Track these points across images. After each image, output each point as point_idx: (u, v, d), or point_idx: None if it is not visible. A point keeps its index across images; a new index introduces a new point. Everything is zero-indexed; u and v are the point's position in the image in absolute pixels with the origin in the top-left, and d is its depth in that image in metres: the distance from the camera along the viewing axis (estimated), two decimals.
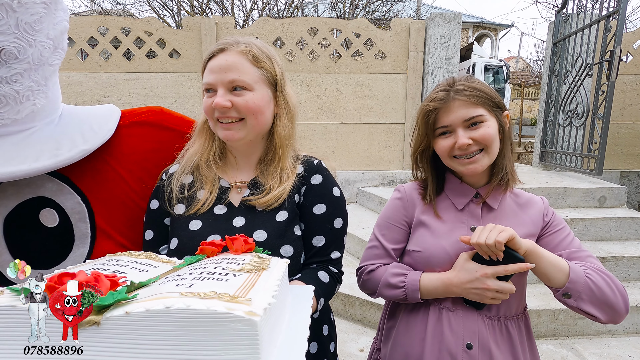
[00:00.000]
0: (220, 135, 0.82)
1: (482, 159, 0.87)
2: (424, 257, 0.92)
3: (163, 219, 0.86)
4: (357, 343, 2.29)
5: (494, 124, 0.87)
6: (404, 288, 0.90)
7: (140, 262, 0.61)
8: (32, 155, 0.70)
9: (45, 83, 0.71)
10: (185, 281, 0.47)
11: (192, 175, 0.87)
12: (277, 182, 0.84)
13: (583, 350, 2.21)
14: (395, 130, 4.22)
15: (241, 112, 0.79)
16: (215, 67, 0.78)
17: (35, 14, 0.64)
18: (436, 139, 0.91)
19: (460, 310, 0.88)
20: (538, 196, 0.96)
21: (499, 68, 11.94)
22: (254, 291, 0.45)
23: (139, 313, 0.38)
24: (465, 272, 0.84)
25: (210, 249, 0.63)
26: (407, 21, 4.03)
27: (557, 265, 0.80)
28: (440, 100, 0.87)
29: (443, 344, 0.87)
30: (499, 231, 0.78)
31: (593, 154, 3.45)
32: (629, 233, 2.92)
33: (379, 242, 0.99)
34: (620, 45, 3.17)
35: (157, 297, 0.41)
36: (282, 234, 0.81)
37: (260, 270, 0.54)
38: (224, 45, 0.80)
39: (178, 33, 4.00)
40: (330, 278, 0.85)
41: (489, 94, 0.87)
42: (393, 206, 1.00)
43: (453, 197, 0.95)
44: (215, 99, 0.77)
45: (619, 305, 0.79)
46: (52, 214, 0.77)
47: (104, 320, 0.39)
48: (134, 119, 0.89)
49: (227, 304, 0.39)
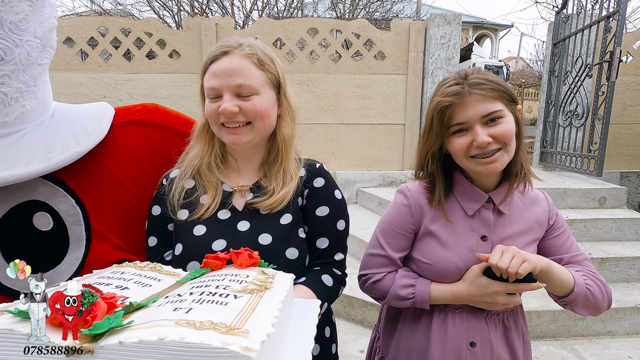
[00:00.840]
0: (226, 140, 0.81)
1: (502, 157, 0.81)
2: (433, 270, 0.90)
3: (166, 225, 0.85)
4: (357, 344, 2.29)
5: (511, 119, 0.81)
6: (412, 299, 0.90)
7: (144, 276, 0.60)
8: (23, 159, 0.67)
9: (34, 83, 0.69)
10: (183, 304, 0.46)
11: (193, 179, 0.86)
12: (281, 184, 0.83)
13: (583, 351, 2.21)
14: (395, 130, 4.21)
15: (249, 117, 0.78)
16: (219, 71, 0.76)
17: (21, 12, 0.61)
18: (450, 137, 0.84)
19: (465, 312, 0.89)
20: (541, 192, 0.96)
21: (499, 68, 11.96)
22: (253, 317, 0.44)
23: (133, 343, 0.38)
24: (477, 286, 0.84)
25: (214, 262, 0.63)
26: (407, 22, 4.04)
27: (565, 282, 0.83)
28: (455, 95, 0.79)
29: (447, 342, 0.88)
30: (521, 260, 0.76)
31: (593, 154, 3.45)
32: (629, 234, 2.92)
33: (384, 250, 0.94)
34: (620, 45, 3.17)
35: (152, 325, 0.40)
36: (287, 237, 0.81)
37: (263, 290, 0.53)
38: (227, 48, 0.77)
39: (178, 34, 4.00)
40: (334, 281, 0.84)
41: (505, 87, 0.81)
42: (399, 212, 0.93)
43: (463, 202, 0.89)
44: (223, 104, 0.76)
45: (604, 307, 0.87)
46: (45, 218, 0.75)
47: (98, 349, 0.38)
48: (128, 118, 0.87)
49: (223, 337, 0.38)
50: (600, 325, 2.35)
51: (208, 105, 0.79)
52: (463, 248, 0.88)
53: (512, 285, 0.81)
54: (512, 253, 0.77)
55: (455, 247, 0.88)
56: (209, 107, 0.79)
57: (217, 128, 0.81)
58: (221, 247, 0.79)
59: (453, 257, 0.88)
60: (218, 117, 0.78)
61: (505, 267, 0.75)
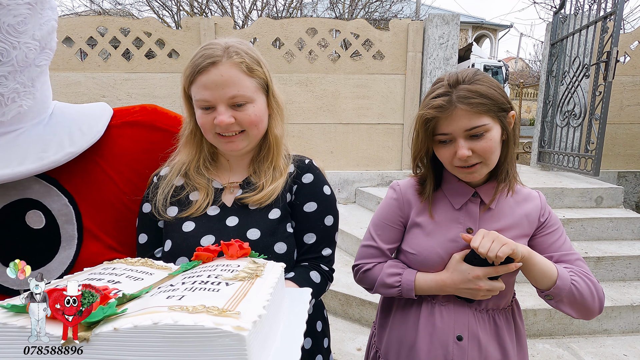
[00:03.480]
0: (223, 148, 0.83)
1: (481, 170, 0.85)
2: (418, 260, 0.93)
3: (156, 222, 0.86)
4: (354, 342, 2.30)
5: (497, 131, 0.82)
6: (399, 287, 0.93)
7: (135, 270, 0.60)
8: (17, 159, 0.68)
9: (32, 84, 0.69)
10: (176, 292, 0.46)
11: (183, 178, 0.87)
12: (270, 180, 0.85)
13: (579, 349, 2.23)
14: (393, 130, 4.22)
15: (244, 126, 0.79)
16: (210, 84, 0.75)
17: (19, 15, 0.61)
18: (436, 145, 0.88)
19: (451, 305, 0.91)
20: (535, 191, 0.97)
21: (498, 68, 11.96)
22: (245, 302, 0.45)
23: (127, 329, 0.39)
24: (458, 273, 0.86)
25: (205, 255, 0.63)
26: (405, 22, 4.04)
27: (547, 272, 0.84)
28: (439, 108, 0.81)
29: (435, 335, 0.90)
30: (501, 244, 0.78)
31: (590, 154, 3.46)
32: (626, 233, 2.93)
33: (375, 241, 1.00)
34: (617, 46, 3.19)
35: (146, 312, 0.41)
36: (275, 231, 0.82)
37: (254, 277, 0.53)
38: (214, 59, 0.75)
39: (177, 33, 4.00)
40: (322, 277, 0.86)
41: (494, 98, 0.80)
42: (388, 206, 1.00)
43: (450, 196, 0.94)
44: (219, 117, 0.76)
45: (594, 309, 0.86)
46: (38, 216, 0.75)
47: (93, 337, 0.39)
48: (126, 119, 0.87)
49: (215, 319, 0.39)
50: (596, 324, 2.37)
51: (202, 116, 0.79)
52: (446, 239, 0.91)
53: (491, 269, 0.83)
54: (492, 237, 0.80)
55: (440, 238, 0.91)
56: (203, 118, 0.78)
57: (212, 137, 0.81)
58: (210, 242, 0.80)
59: (436, 247, 0.91)
60: (213, 128, 0.79)
61: (485, 250, 0.78)
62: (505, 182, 0.89)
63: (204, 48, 0.78)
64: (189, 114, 0.85)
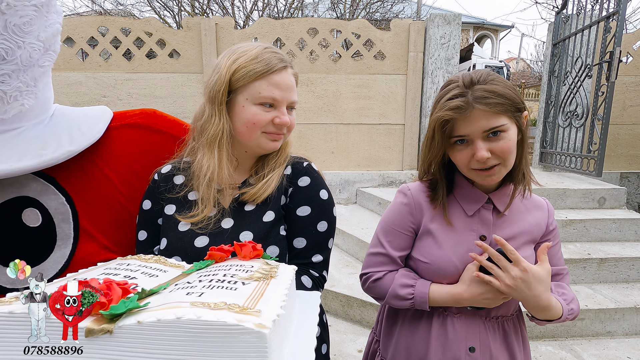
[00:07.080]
0: (265, 146, 0.84)
1: (500, 171, 0.82)
2: (431, 269, 0.90)
3: (156, 219, 0.86)
4: (355, 344, 2.29)
5: (514, 132, 0.80)
6: (412, 300, 0.89)
7: (150, 267, 0.61)
8: (16, 155, 0.69)
9: (34, 84, 0.70)
10: (195, 289, 0.47)
11: (183, 176, 0.87)
12: (266, 178, 0.86)
13: (582, 351, 2.21)
14: (394, 130, 4.22)
15: (288, 129, 0.86)
16: (282, 85, 0.80)
17: (25, 16, 0.63)
18: (452, 148, 0.84)
19: (463, 315, 0.89)
20: (543, 199, 0.97)
21: (499, 69, 11.97)
22: (263, 301, 0.45)
23: (151, 322, 0.39)
24: (476, 285, 0.85)
25: (218, 254, 0.64)
26: (406, 22, 4.04)
27: (554, 312, 0.84)
28: (457, 110, 0.78)
29: (447, 347, 0.88)
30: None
31: (593, 155, 3.45)
32: (629, 234, 2.92)
33: (385, 248, 0.94)
34: (619, 46, 3.17)
35: (168, 307, 0.42)
36: (267, 234, 0.81)
37: (269, 278, 0.54)
38: (286, 63, 0.82)
39: (178, 33, 4.00)
40: (313, 283, 0.83)
41: (511, 98, 0.78)
42: (399, 211, 0.94)
43: (463, 202, 0.90)
44: (282, 117, 0.81)
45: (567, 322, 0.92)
46: (35, 214, 0.76)
47: (117, 329, 0.39)
48: (125, 121, 0.88)
49: (237, 316, 0.40)
50: (599, 326, 2.35)
51: (259, 112, 0.79)
52: (462, 248, 0.88)
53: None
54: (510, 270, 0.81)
55: (454, 247, 0.88)
56: (260, 114, 0.79)
57: (257, 134, 0.81)
58: (204, 243, 0.80)
59: (451, 257, 0.88)
60: (267, 126, 0.81)
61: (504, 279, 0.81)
62: (522, 183, 0.87)
63: (271, 49, 0.82)
64: (217, 113, 0.80)
